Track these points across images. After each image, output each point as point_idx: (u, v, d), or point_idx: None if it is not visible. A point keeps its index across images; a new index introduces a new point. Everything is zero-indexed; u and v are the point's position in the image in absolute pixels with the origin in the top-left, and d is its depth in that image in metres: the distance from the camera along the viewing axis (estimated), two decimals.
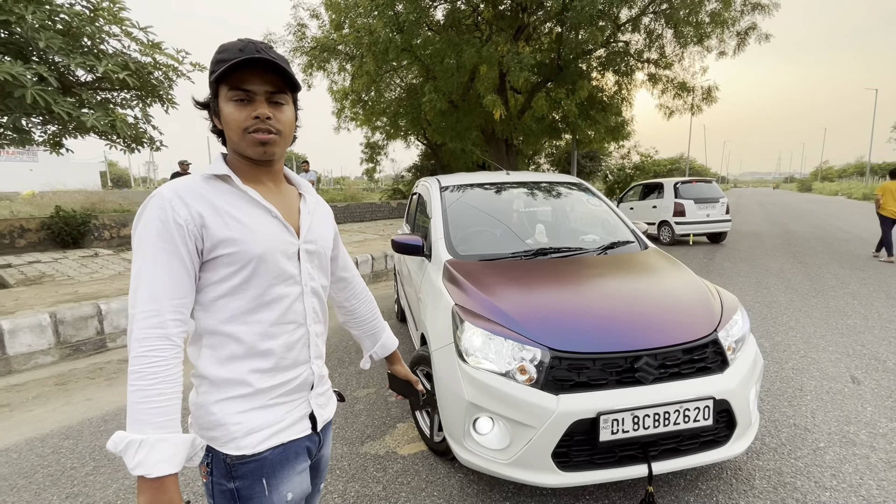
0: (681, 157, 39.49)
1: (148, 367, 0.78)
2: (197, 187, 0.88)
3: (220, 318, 0.89)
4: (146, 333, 0.80)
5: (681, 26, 10.31)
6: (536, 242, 2.81)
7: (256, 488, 0.89)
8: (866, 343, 3.87)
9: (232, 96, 0.88)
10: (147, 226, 0.83)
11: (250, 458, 0.88)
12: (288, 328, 0.94)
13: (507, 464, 1.80)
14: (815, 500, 1.97)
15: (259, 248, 0.89)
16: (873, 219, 9.44)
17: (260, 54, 0.87)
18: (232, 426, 0.88)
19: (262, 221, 0.92)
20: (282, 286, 0.93)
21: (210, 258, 0.87)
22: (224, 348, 0.89)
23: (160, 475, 0.75)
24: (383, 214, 13.57)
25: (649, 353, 1.81)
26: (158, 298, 0.81)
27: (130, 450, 0.75)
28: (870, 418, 2.65)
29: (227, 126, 0.90)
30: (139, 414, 0.77)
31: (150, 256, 0.82)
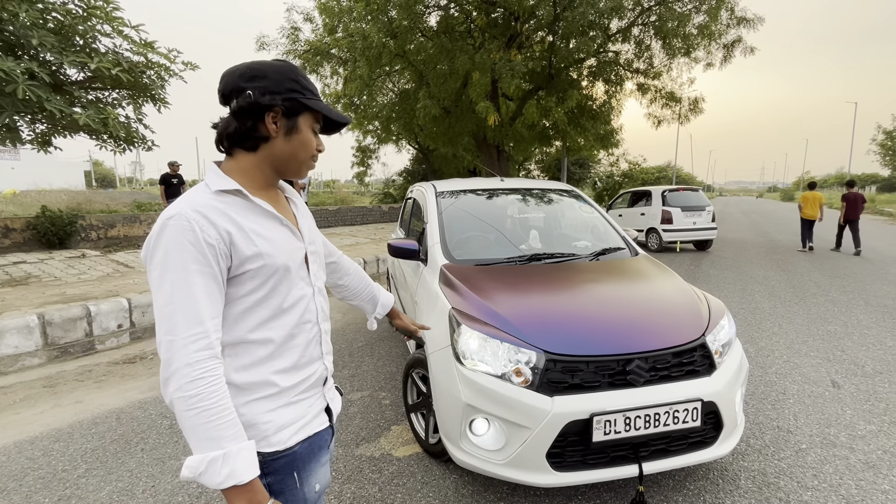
0: (668, 165, 40.17)
1: (208, 388, 0.80)
2: (217, 204, 0.87)
3: (246, 328, 0.90)
4: (198, 356, 0.80)
5: (669, 38, 10.54)
6: (530, 248, 2.87)
7: (288, 482, 0.92)
8: (846, 348, 4.00)
9: (314, 126, 0.99)
10: (176, 248, 0.81)
11: (282, 453, 0.92)
12: (306, 328, 0.99)
13: (502, 464, 1.84)
14: (797, 500, 2.04)
15: (282, 260, 0.93)
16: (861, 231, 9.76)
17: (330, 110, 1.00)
18: (262, 425, 0.90)
19: (278, 232, 0.95)
20: (296, 290, 0.97)
21: (236, 274, 0.88)
22: (249, 355, 0.91)
23: (250, 479, 0.81)
24: (374, 218, 13.57)
25: (640, 357, 1.87)
26: (203, 321, 0.81)
27: (214, 467, 0.78)
28: (849, 421, 2.75)
29: (304, 147, 0.97)
30: (212, 432, 0.79)
31: (185, 279, 0.80)
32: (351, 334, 4.49)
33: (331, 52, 11.94)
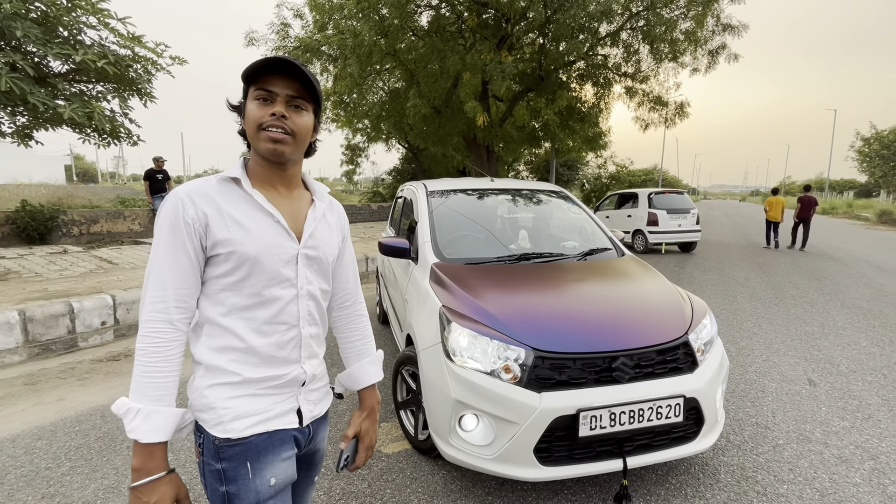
0: (654, 168, 40.74)
1: (151, 346, 0.87)
2: (208, 189, 0.94)
3: (219, 311, 0.95)
4: (152, 316, 0.89)
5: (657, 43, 10.70)
6: (520, 247, 2.91)
7: (241, 470, 0.93)
8: (822, 348, 4.12)
9: (256, 95, 0.93)
10: (163, 222, 0.91)
11: (235, 441, 0.93)
12: (280, 328, 0.98)
13: (491, 459, 1.87)
14: (774, 493, 2.12)
15: (254, 251, 0.94)
16: (830, 232, 10.11)
17: (289, 63, 0.92)
18: (221, 410, 0.93)
19: (261, 225, 0.96)
20: (276, 288, 0.97)
21: (211, 255, 0.93)
22: (219, 339, 0.95)
23: (150, 442, 0.84)
24: (363, 217, 13.53)
25: (626, 354, 1.92)
26: (165, 287, 0.89)
27: (129, 416, 0.85)
28: (824, 417, 2.85)
29: (247, 122, 0.95)
30: (140, 386, 0.86)
31: (162, 249, 0.91)
32: None
33: (321, 50, 11.87)
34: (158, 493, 0.85)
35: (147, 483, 0.84)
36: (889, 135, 31.12)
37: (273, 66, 0.92)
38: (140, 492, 0.84)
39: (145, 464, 0.84)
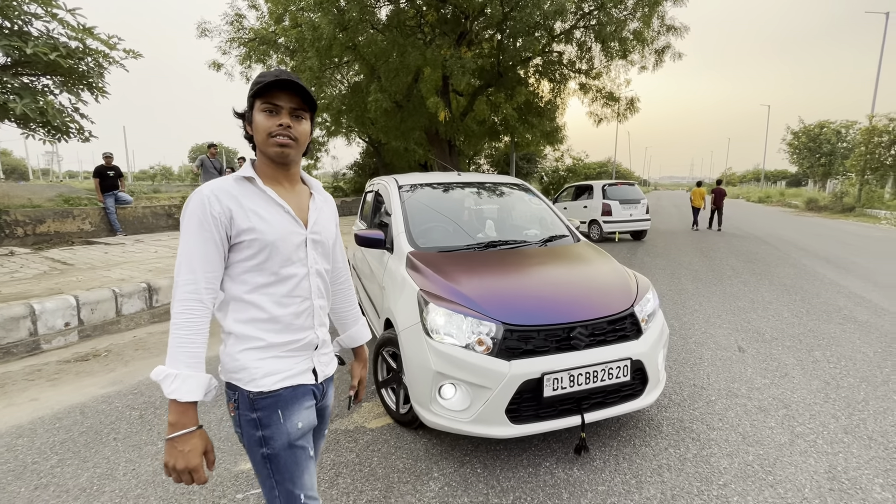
0: (608, 161, 42.39)
1: (185, 322, 1.04)
2: (229, 187, 1.12)
3: (244, 289, 1.13)
4: (185, 296, 1.06)
5: (608, 41, 11.26)
6: (486, 236, 3.16)
7: (273, 417, 1.12)
8: (751, 320, 4.67)
9: (264, 108, 1.12)
10: (191, 216, 1.08)
11: (267, 394, 1.12)
12: (296, 300, 1.17)
13: (468, 422, 2.12)
14: (706, 438, 2.49)
15: (272, 237, 1.12)
16: (764, 218, 11.14)
17: (289, 79, 1.11)
18: (252, 369, 1.11)
19: (276, 216, 1.15)
20: (291, 267, 1.16)
21: (236, 242, 1.11)
22: (245, 312, 1.13)
23: (186, 401, 1.02)
24: None
25: (582, 324, 2.21)
26: (195, 271, 1.06)
27: (168, 380, 1.01)
28: (749, 377, 3.30)
29: (256, 131, 1.13)
30: (176, 355, 1.03)
31: (191, 239, 1.07)
32: None
33: (278, 42, 11.65)
34: (191, 444, 1.03)
35: (182, 435, 1.02)
36: (815, 129, 33.94)
37: (278, 84, 1.10)
38: (176, 442, 1.01)
39: (180, 419, 1.02)
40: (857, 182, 22.83)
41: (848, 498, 2.02)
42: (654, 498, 2.01)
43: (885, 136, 21.54)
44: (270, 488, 1.14)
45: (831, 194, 25.51)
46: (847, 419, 2.71)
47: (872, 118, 21.78)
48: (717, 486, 2.10)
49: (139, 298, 4.63)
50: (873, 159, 22.08)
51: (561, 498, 2.02)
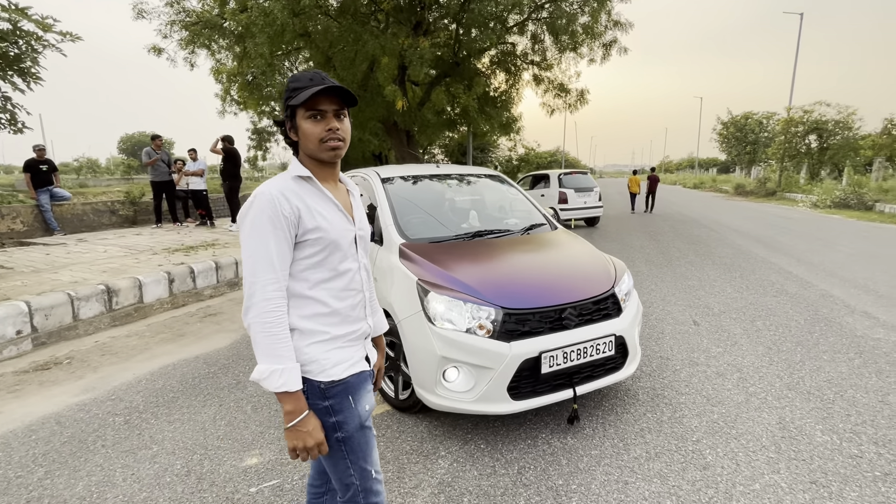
0: (557, 150, 43.78)
1: (278, 318, 1.11)
2: (293, 187, 1.17)
3: (305, 286, 1.18)
4: (272, 294, 1.10)
5: (559, 34, 11.64)
6: (471, 226, 3.29)
7: (345, 403, 1.20)
8: (700, 297, 5.14)
9: (309, 115, 1.15)
10: (260, 215, 1.10)
11: (338, 382, 1.19)
12: (351, 293, 1.25)
13: (472, 401, 2.25)
14: (676, 402, 2.79)
15: (334, 235, 1.18)
16: (700, 203, 12.10)
17: (325, 83, 1.15)
18: (322, 361, 1.18)
19: (334, 214, 1.21)
20: (346, 262, 1.23)
21: (301, 241, 1.15)
22: (308, 308, 1.18)
23: (297, 389, 1.10)
24: None
25: (572, 305, 2.40)
26: (276, 269, 1.11)
27: (274, 376, 1.08)
28: (706, 347, 3.68)
29: (306, 138, 1.17)
30: (277, 350, 1.10)
31: (267, 237, 1.10)
32: None
33: (224, 27, 11.02)
34: (312, 423, 1.12)
35: (302, 419, 1.11)
36: (741, 119, 36.80)
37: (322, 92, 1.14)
38: (299, 426, 1.10)
39: (296, 406, 1.10)
40: (778, 169, 25.12)
41: (797, 443, 2.36)
42: (641, 457, 2.25)
43: (800, 127, 23.81)
44: (345, 469, 1.21)
45: (756, 180, 27.90)
46: (789, 378, 3.11)
47: (790, 110, 23.99)
48: (692, 441, 2.38)
49: (97, 301, 4.36)
50: (791, 148, 24.37)
51: (560, 464, 2.21)
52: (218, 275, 5.59)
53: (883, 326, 4.08)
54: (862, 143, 21.75)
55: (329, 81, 1.16)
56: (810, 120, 23.38)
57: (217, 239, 7.52)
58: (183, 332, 4.25)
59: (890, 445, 2.33)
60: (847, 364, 3.32)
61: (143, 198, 9.64)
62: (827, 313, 4.49)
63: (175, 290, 5.06)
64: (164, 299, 4.94)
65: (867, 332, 3.94)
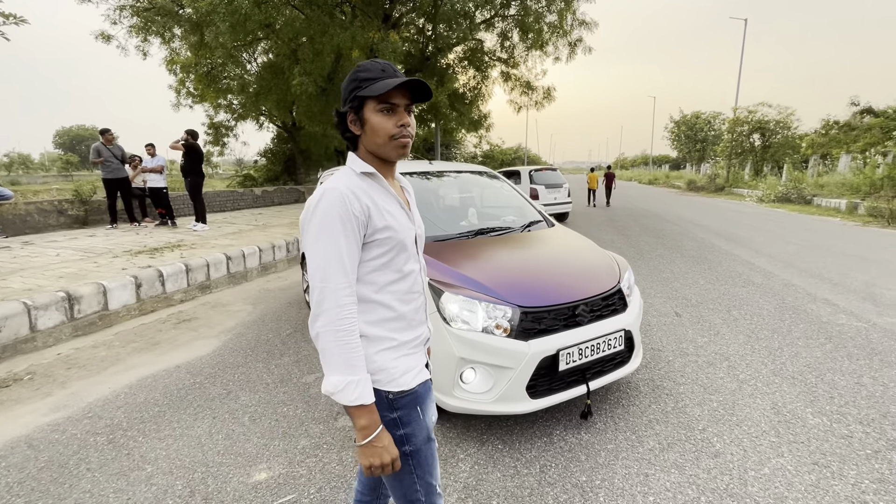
0: (519, 147, 44.48)
1: (352, 326, 1.03)
2: (361, 184, 1.09)
3: (371, 290, 1.10)
4: (346, 300, 1.02)
5: (528, 31, 11.79)
6: (471, 224, 3.25)
7: (413, 414, 1.13)
8: (677, 289, 5.35)
9: (381, 108, 1.07)
10: (329, 214, 1.02)
11: (407, 392, 1.12)
12: (414, 295, 1.18)
13: (492, 402, 2.22)
14: (676, 392, 2.88)
15: (402, 234, 1.12)
16: (657, 199, 12.66)
17: (397, 75, 1.09)
18: (391, 370, 1.11)
19: (400, 212, 1.15)
20: (410, 263, 1.16)
21: (369, 241, 1.08)
22: (374, 312, 1.11)
23: (372, 402, 1.04)
24: (247, 203, 12.45)
25: (584, 302, 2.42)
26: (348, 272, 1.03)
27: (349, 388, 1.01)
28: (691, 337, 3.83)
29: (375, 132, 1.08)
30: (352, 360, 1.02)
31: (336, 238, 1.02)
32: (272, 323, 4.35)
33: (180, 14, 10.38)
34: (386, 439, 1.06)
35: (378, 434, 1.03)
36: (691, 118, 38.75)
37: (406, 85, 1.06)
38: (375, 442, 1.03)
39: (371, 420, 1.03)
40: (725, 165, 26.65)
41: (792, 427, 2.49)
42: (655, 448, 2.31)
43: (745, 126, 25.35)
44: (411, 484, 1.14)
45: (706, 176, 29.49)
46: (773, 364, 3.29)
47: (736, 110, 25.48)
48: (698, 430, 2.46)
49: (57, 310, 3.99)
50: (737, 146, 25.91)
51: (580, 460, 2.22)
52: (189, 277, 5.27)
53: (844, 312, 4.40)
54: (800, 142, 23.43)
55: (401, 74, 1.10)
56: (754, 120, 24.92)
57: (182, 240, 7.09)
58: (157, 341, 3.97)
59: (873, 424, 2.51)
60: (820, 349, 3.55)
61: (94, 196, 8.92)
62: (792, 301, 4.79)
63: (143, 296, 4.72)
64: (131, 305, 4.59)
65: (831, 319, 4.24)
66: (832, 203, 15.03)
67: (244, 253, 6.17)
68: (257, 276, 6.37)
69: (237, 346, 3.79)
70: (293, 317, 4.54)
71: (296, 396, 2.92)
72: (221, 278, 5.75)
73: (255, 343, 3.86)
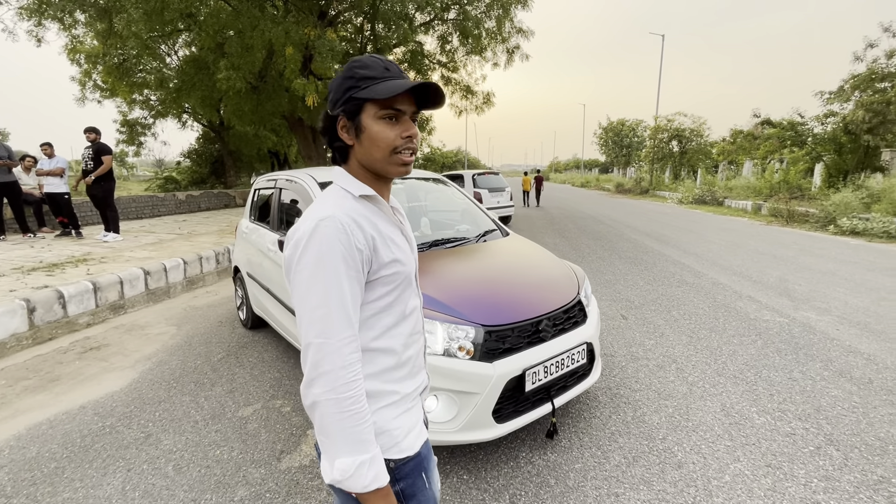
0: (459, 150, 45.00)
1: (359, 392, 0.82)
2: (361, 209, 0.89)
3: (371, 336, 0.91)
4: (350, 358, 0.82)
5: (467, 35, 11.84)
6: (424, 234, 3.07)
7: (419, 483, 0.94)
8: (620, 291, 5.53)
9: (384, 115, 0.87)
10: (329, 251, 0.81)
11: (412, 457, 0.93)
12: (416, 336, 1.00)
13: (456, 431, 2.06)
14: (633, 399, 2.89)
15: (410, 267, 0.95)
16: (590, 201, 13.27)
17: (402, 77, 0.90)
18: (393, 431, 0.91)
19: (403, 241, 0.97)
20: (413, 299, 0.99)
21: (372, 279, 0.88)
22: (375, 363, 0.91)
23: (388, 480, 0.85)
24: (169, 209, 11.33)
25: (546, 317, 2.33)
26: (353, 322, 0.83)
27: (362, 470, 0.81)
28: (640, 340, 3.92)
29: (374, 144, 0.89)
30: (361, 435, 0.82)
31: (338, 282, 0.81)
32: (200, 347, 3.89)
33: None
34: None
35: None
36: (617, 125, 41.38)
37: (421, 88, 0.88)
38: None
39: (391, 502, 0.84)
40: (649, 170, 28.68)
41: (742, 428, 2.57)
42: (622, 464, 2.26)
43: (665, 134, 27.43)
44: None
45: (632, 179, 31.56)
46: (715, 364, 3.43)
47: (657, 119, 27.51)
48: (659, 440, 2.46)
49: None
50: (658, 151, 27.97)
51: (550, 485, 2.12)
52: (97, 297, 4.60)
53: (767, 309, 4.75)
54: (712, 149, 25.76)
55: (406, 75, 0.92)
56: (672, 128, 27.04)
57: (89, 252, 6.23)
58: (56, 376, 3.38)
59: (810, 420, 2.65)
60: (753, 346, 3.77)
61: None
62: (722, 300, 5.11)
63: (38, 321, 4.03)
64: (22, 334, 3.90)
65: (758, 315, 4.55)
66: (740, 204, 16.60)
67: (166, 266, 5.53)
68: (182, 292, 5.74)
69: (158, 377, 3.31)
70: (225, 338, 4.09)
71: (230, 435, 2.57)
72: (138, 296, 5.09)
73: (181, 372, 3.40)
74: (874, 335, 3.94)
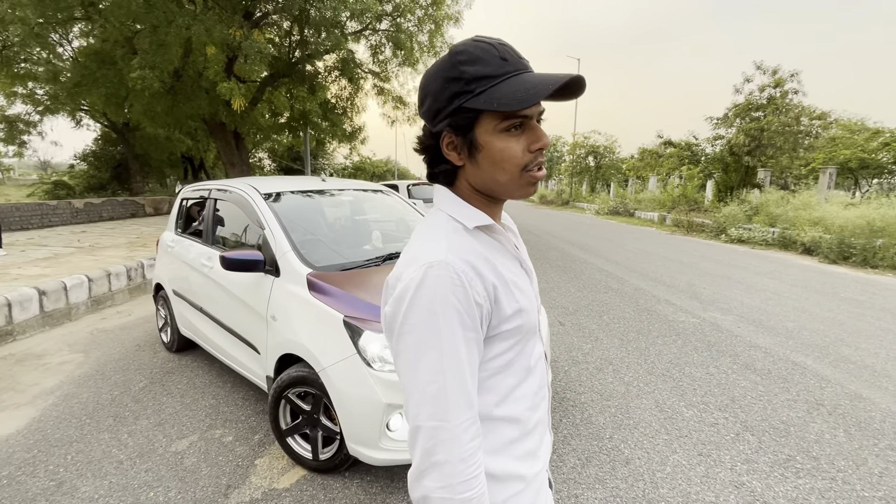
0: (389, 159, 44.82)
1: (481, 490, 0.67)
2: (478, 247, 0.71)
3: (492, 401, 0.74)
4: (471, 449, 0.66)
5: (400, 47, 11.92)
6: (375, 248, 3.01)
7: None
8: (555, 298, 5.84)
9: (507, 126, 0.68)
10: (443, 308, 0.65)
11: None
12: (542, 393, 0.81)
13: None
14: (580, 402, 3.06)
15: (534, 314, 0.77)
16: (520, 212, 13.91)
17: (529, 66, 0.69)
18: None
19: (524, 278, 0.78)
20: (538, 346, 0.81)
21: (492, 335, 0.71)
22: (497, 434, 0.74)
23: None
24: (63, 219, 9.95)
25: None
26: (472, 400, 0.67)
27: None
28: (578, 345, 4.17)
29: (498, 164, 0.70)
30: None
31: (454, 349, 0.65)
32: (116, 376, 3.46)
33: None
34: None
35: None
36: None
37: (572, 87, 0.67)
38: None
39: None
40: (569, 183, 30.71)
41: (675, 422, 2.83)
42: (577, 465, 2.38)
43: (582, 150, 29.60)
44: None
45: (554, 192, 33.57)
46: (645, 363, 3.74)
47: (575, 136, 29.62)
48: (607, 439, 2.63)
49: None
50: (577, 166, 30.08)
51: None
52: None
53: (682, 311, 5.29)
54: (623, 165, 28.24)
55: (526, 61, 0.70)
56: (588, 144, 29.28)
57: None
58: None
59: (728, 410, 3.00)
60: (674, 345, 4.18)
61: None
62: (644, 304, 5.60)
63: None
64: None
65: (675, 317, 5.05)
66: (648, 216, 18.35)
67: (66, 284, 4.85)
68: (87, 314, 5.07)
69: (66, 414, 2.89)
70: (146, 363, 3.68)
71: (164, 474, 2.31)
72: (31, 320, 4.41)
73: (94, 406, 3.00)
74: (767, 330, 4.55)
